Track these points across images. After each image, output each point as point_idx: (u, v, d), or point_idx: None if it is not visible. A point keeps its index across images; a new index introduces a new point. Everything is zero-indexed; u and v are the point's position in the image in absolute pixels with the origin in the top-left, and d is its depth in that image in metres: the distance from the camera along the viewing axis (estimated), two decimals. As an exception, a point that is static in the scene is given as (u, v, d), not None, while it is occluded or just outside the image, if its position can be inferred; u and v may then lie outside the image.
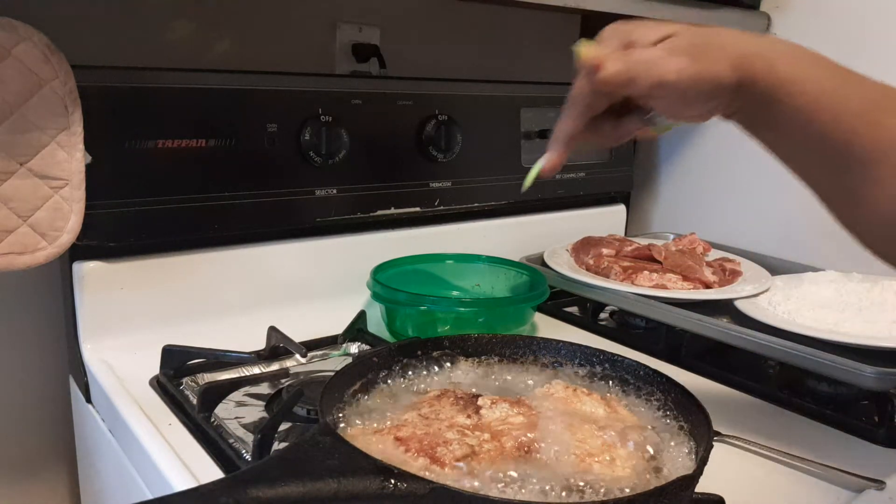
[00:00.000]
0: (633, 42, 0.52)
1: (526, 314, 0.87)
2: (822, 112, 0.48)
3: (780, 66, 0.49)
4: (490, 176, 1.03)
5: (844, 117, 0.48)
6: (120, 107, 0.73)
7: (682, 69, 0.49)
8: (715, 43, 0.50)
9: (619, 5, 0.94)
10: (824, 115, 0.48)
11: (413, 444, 0.47)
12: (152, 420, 0.64)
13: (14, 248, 0.66)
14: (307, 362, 0.76)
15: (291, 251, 0.89)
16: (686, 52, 0.50)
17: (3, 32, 0.62)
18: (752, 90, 0.50)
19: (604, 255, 1.00)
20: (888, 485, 0.58)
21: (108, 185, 0.73)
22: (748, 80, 0.49)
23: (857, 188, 0.48)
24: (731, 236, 1.16)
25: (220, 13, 0.94)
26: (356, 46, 1.03)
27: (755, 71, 0.49)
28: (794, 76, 0.49)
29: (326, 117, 0.85)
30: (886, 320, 0.78)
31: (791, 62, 0.49)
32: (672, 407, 0.55)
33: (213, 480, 0.40)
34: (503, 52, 1.23)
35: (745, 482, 0.59)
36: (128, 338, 0.77)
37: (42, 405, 0.91)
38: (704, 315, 0.82)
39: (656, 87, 0.50)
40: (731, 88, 0.50)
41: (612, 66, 0.50)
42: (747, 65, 0.49)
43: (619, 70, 0.50)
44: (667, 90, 0.50)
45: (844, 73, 0.50)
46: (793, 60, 0.50)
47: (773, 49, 0.50)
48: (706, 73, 0.49)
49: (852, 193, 0.49)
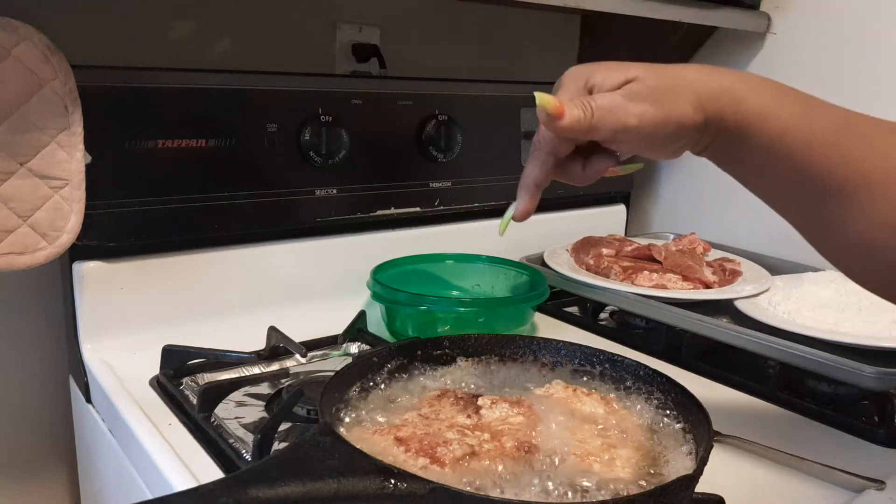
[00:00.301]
0: (593, 86, 0.51)
1: (526, 314, 0.87)
2: (792, 143, 0.48)
3: (747, 102, 0.49)
4: (490, 176, 1.03)
5: (815, 148, 0.47)
6: (120, 107, 0.73)
7: (644, 114, 0.49)
8: (677, 84, 0.50)
9: (619, 5, 0.94)
10: (794, 146, 0.48)
11: (413, 444, 0.47)
12: (152, 420, 0.64)
13: (14, 248, 0.66)
14: (307, 362, 0.76)
15: (291, 251, 0.89)
16: (648, 98, 0.49)
17: (3, 32, 0.62)
18: (721, 127, 0.49)
19: (604, 255, 1.00)
20: (888, 485, 0.58)
21: (108, 185, 0.73)
22: (715, 118, 0.49)
23: (829, 217, 0.48)
24: (731, 236, 1.16)
25: (220, 13, 0.94)
26: (356, 46, 1.03)
27: (721, 108, 0.49)
28: (761, 110, 0.49)
29: (326, 117, 0.85)
30: (886, 320, 0.78)
31: (756, 96, 0.49)
32: (672, 407, 0.55)
33: (213, 480, 0.40)
34: (503, 52, 1.23)
35: (745, 482, 0.59)
36: (128, 338, 0.77)
37: (42, 405, 0.91)
38: (704, 315, 0.82)
39: (619, 132, 0.50)
40: (696, 128, 0.50)
41: (572, 114, 0.49)
42: (712, 103, 0.49)
43: (579, 118, 0.49)
44: (630, 135, 0.50)
45: (811, 102, 0.49)
46: (758, 94, 0.49)
47: (737, 84, 0.50)
48: (669, 117, 0.49)
49: (825, 222, 0.49)
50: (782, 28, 1.12)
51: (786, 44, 1.12)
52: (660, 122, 0.49)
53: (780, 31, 1.13)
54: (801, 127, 0.48)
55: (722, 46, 1.19)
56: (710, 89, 0.49)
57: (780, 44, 1.13)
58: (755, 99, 0.49)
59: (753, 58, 1.16)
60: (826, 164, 0.47)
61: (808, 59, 1.09)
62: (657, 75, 0.50)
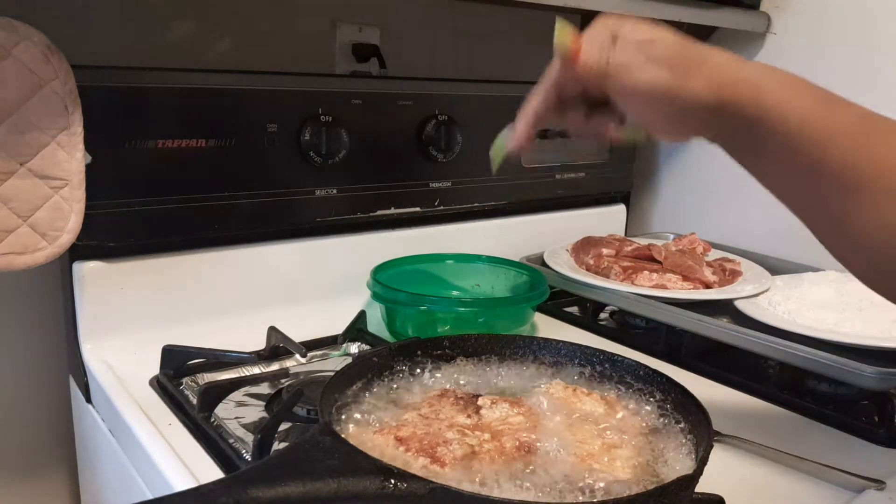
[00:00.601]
0: (618, 37, 0.51)
1: (526, 314, 0.87)
2: (810, 138, 0.47)
3: (767, 92, 0.48)
4: (490, 176, 1.03)
5: (833, 143, 0.47)
6: (120, 107, 0.73)
7: (657, 79, 0.49)
8: (696, 59, 0.49)
9: (619, 5, 0.94)
10: (813, 140, 0.47)
11: (413, 444, 0.47)
12: (152, 420, 0.64)
13: (14, 248, 0.66)
14: (307, 362, 0.76)
15: (291, 251, 0.89)
16: (665, 63, 0.49)
17: (3, 32, 0.62)
18: (738, 115, 0.49)
19: (604, 255, 1.00)
20: (888, 485, 0.58)
21: (108, 185, 0.73)
22: (732, 106, 0.49)
23: (844, 215, 0.48)
24: (731, 236, 1.16)
25: (220, 13, 0.94)
26: (356, 46, 1.03)
27: (739, 96, 0.48)
28: (780, 101, 0.48)
29: (326, 117, 0.85)
30: (886, 320, 0.78)
31: (777, 87, 0.48)
32: (672, 407, 0.55)
33: (213, 480, 0.40)
34: (503, 52, 1.23)
35: (745, 482, 0.59)
36: (128, 338, 0.77)
37: (42, 405, 0.91)
38: (704, 315, 0.82)
39: (629, 90, 0.49)
40: (707, 109, 0.49)
41: (589, 56, 0.49)
42: (730, 90, 0.48)
43: (595, 62, 0.49)
44: (639, 96, 0.50)
45: (829, 98, 0.49)
46: (778, 85, 0.49)
47: (758, 74, 0.49)
48: (682, 90, 0.49)
49: (840, 220, 0.48)
50: (782, 28, 1.12)
51: (786, 44, 1.12)
52: (671, 91, 0.49)
53: (780, 31, 1.13)
54: (820, 121, 0.47)
55: (722, 46, 1.18)
56: (730, 76, 0.49)
57: (780, 44, 1.13)
58: (775, 90, 0.48)
59: (753, 58, 1.16)
60: (843, 159, 0.46)
61: (808, 59, 1.09)
62: (681, 45, 0.50)
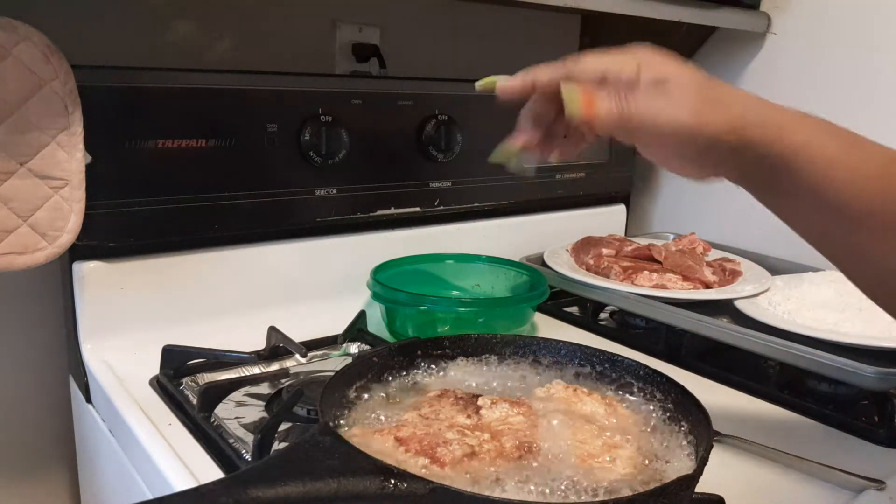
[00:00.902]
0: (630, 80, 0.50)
1: (526, 314, 0.87)
2: (837, 180, 0.47)
3: (792, 133, 0.48)
4: (490, 176, 1.03)
5: (861, 182, 0.46)
6: (120, 107, 0.73)
7: (677, 121, 0.48)
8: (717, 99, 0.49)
9: (619, 5, 0.94)
10: (840, 180, 0.47)
11: (413, 444, 0.47)
12: (152, 420, 0.64)
13: (14, 248, 0.66)
14: (307, 362, 0.76)
15: (291, 251, 0.89)
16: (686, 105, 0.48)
17: (3, 32, 0.62)
18: (765, 156, 0.48)
19: (604, 255, 1.00)
20: (888, 485, 0.58)
21: (108, 185, 0.73)
22: (757, 146, 0.48)
23: (870, 250, 0.47)
24: (731, 236, 1.16)
25: (220, 13, 0.94)
26: (356, 46, 1.03)
27: (766, 137, 0.48)
28: (807, 141, 0.47)
29: (326, 117, 0.85)
30: (886, 320, 0.77)
31: (803, 129, 0.48)
32: (672, 407, 0.55)
33: (213, 480, 0.40)
34: (503, 52, 1.23)
35: (745, 482, 0.59)
36: (128, 338, 0.77)
37: (42, 405, 0.91)
38: (704, 315, 0.82)
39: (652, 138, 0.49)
40: (727, 149, 0.49)
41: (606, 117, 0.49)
42: (757, 130, 0.48)
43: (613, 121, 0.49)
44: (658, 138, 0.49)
45: (855, 140, 0.48)
46: (804, 127, 0.48)
47: (783, 116, 0.49)
48: (704, 129, 0.48)
49: (866, 259, 0.48)
50: (782, 28, 1.12)
51: (786, 44, 1.12)
52: (693, 131, 0.48)
53: (780, 31, 1.13)
54: (847, 161, 0.47)
55: (722, 46, 1.19)
56: (750, 118, 0.48)
57: (780, 44, 1.13)
58: (802, 131, 0.48)
59: (753, 58, 1.16)
60: (871, 203, 0.46)
61: (808, 59, 1.09)
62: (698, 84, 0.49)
